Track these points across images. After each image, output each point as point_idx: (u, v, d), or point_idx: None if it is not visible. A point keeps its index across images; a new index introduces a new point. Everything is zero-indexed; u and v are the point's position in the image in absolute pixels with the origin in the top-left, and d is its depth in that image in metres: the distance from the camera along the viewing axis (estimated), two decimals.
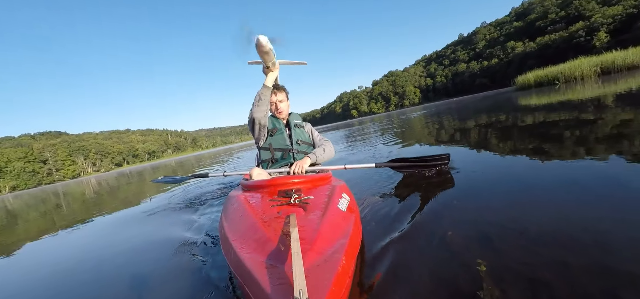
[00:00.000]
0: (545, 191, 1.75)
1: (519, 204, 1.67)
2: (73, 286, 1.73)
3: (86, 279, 1.80)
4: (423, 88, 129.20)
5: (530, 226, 1.38)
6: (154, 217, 2.82)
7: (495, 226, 1.46)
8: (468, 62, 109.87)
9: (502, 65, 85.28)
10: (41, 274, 2.16)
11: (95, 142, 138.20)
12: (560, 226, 1.34)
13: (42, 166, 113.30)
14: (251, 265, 0.92)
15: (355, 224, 1.25)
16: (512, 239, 1.32)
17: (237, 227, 1.26)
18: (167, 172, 13.74)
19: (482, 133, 4.69)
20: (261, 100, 2.15)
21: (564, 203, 1.56)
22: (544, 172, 2.10)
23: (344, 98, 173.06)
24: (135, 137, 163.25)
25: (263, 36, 1.85)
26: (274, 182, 1.61)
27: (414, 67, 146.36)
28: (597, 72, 16.83)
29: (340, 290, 0.80)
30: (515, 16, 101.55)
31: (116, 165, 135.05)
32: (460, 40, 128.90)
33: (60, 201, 9.91)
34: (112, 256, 2.04)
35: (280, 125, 2.31)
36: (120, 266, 1.73)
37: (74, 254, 2.45)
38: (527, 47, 78.40)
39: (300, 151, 2.29)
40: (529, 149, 2.86)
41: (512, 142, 3.45)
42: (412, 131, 7.87)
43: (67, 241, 3.00)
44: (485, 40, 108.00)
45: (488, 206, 1.75)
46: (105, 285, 1.55)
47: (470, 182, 2.24)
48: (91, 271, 1.90)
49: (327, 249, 0.97)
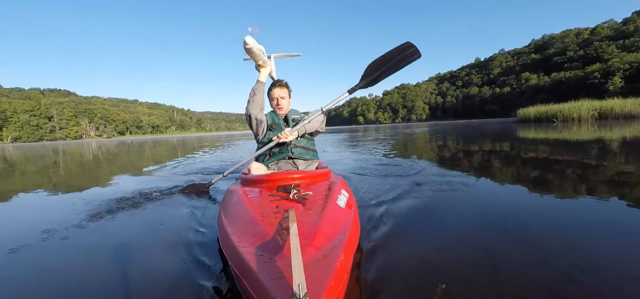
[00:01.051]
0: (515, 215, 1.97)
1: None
2: (63, 274, 1.48)
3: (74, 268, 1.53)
4: (432, 105, 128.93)
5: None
6: (148, 204, 2.71)
7: (491, 226, 1.67)
8: (481, 86, 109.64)
9: (514, 94, 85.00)
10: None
11: (102, 107, 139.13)
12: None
13: (46, 122, 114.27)
14: (250, 260, 0.92)
15: (353, 220, 1.25)
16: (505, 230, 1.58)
17: (236, 221, 1.25)
18: (163, 152, 13.68)
19: (485, 158, 4.66)
20: (255, 95, 2.15)
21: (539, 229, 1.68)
22: (527, 202, 2.26)
23: (353, 103, 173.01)
24: (142, 109, 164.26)
25: (249, 37, 1.85)
26: (273, 177, 1.61)
27: (426, 83, 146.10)
28: (594, 115, 17.30)
29: (338, 285, 0.80)
30: (534, 48, 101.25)
31: (119, 133, 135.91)
32: (476, 64, 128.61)
33: (59, 159, 9.97)
34: (102, 243, 1.86)
35: (279, 120, 2.30)
36: (111, 256, 1.63)
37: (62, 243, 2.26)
38: (541, 80, 78.14)
39: (298, 145, 2.28)
40: (525, 181, 2.92)
41: (512, 172, 3.44)
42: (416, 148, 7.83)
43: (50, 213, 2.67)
44: (501, 68, 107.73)
45: (484, 211, 1.93)
46: (94, 277, 1.41)
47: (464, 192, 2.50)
48: (78, 257, 1.66)
49: (326, 245, 0.97)
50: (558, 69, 75.43)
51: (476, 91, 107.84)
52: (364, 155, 6.10)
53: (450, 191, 2.58)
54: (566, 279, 1.12)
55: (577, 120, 17.30)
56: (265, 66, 2.19)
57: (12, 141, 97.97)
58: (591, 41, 73.90)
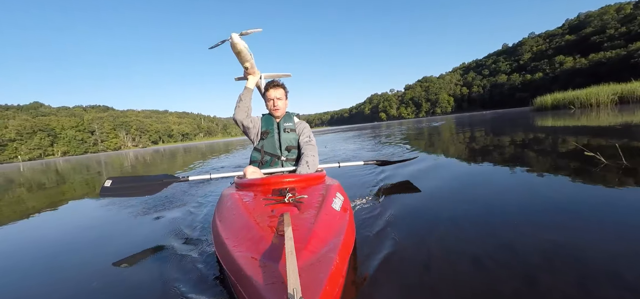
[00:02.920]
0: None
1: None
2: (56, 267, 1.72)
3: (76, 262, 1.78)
4: (457, 97, 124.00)
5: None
6: (145, 210, 2.75)
7: (485, 226, 1.70)
8: (509, 73, 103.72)
9: (546, 80, 79.57)
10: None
11: (136, 119, 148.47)
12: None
13: (90, 136, 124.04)
14: (244, 264, 0.91)
15: (348, 223, 1.26)
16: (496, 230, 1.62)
17: (231, 225, 1.25)
18: (192, 158, 14.50)
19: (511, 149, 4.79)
20: (242, 101, 2.16)
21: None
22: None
23: (374, 100, 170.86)
24: (172, 118, 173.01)
25: (235, 34, 1.80)
26: (268, 181, 1.59)
27: (450, 74, 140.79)
28: (614, 100, 16.80)
29: (333, 289, 0.79)
30: (569, 29, 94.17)
31: (152, 143, 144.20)
32: (503, 50, 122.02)
33: (102, 169, 11.18)
34: (98, 250, 1.96)
35: (273, 127, 2.26)
36: (105, 262, 1.69)
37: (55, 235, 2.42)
38: (577, 62, 72.58)
39: (289, 159, 2.24)
40: (527, 177, 2.79)
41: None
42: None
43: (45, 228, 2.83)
44: (531, 52, 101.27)
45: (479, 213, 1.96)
46: (88, 281, 1.48)
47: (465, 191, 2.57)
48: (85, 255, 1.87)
49: (321, 249, 0.97)
50: (596, 49, 69.62)
51: (505, 79, 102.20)
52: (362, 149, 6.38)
53: (447, 189, 2.62)
54: (572, 283, 1.09)
55: (596, 105, 16.76)
56: (253, 73, 2.17)
57: (62, 155, 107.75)
58: (635, 16, 67.48)
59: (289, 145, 2.24)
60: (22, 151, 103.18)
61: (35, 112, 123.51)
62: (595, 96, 17.29)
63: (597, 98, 17.16)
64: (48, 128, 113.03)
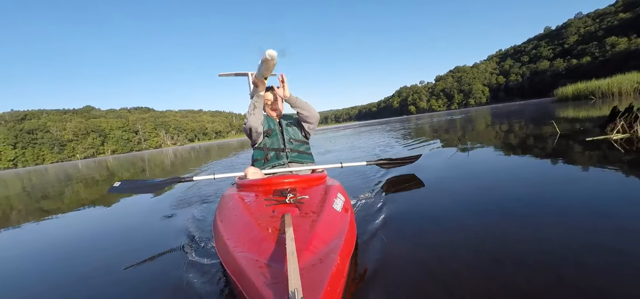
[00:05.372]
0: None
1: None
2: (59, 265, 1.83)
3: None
4: (493, 87, 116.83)
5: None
6: (153, 210, 2.81)
7: (483, 226, 1.67)
8: (552, 59, 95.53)
9: (594, 65, 72.32)
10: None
11: (174, 119, 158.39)
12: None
13: (134, 136, 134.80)
14: (246, 264, 0.91)
15: (349, 224, 1.27)
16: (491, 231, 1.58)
17: (232, 226, 1.25)
18: (225, 152, 15.45)
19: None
20: (256, 108, 2.14)
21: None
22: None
23: (403, 92, 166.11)
24: (206, 117, 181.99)
25: (272, 50, 1.73)
26: (269, 181, 1.59)
27: (485, 63, 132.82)
28: (637, 89, 16.01)
29: (335, 290, 0.79)
30: (623, 6, 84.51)
31: (189, 140, 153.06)
32: (545, 34, 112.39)
33: (145, 166, 12.57)
34: (97, 250, 2.04)
35: (274, 126, 2.29)
36: (106, 263, 1.75)
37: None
38: (632, 43, 65.19)
39: (294, 150, 2.29)
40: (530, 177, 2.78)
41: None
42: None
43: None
44: (578, 34, 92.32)
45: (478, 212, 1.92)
46: (95, 277, 1.55)
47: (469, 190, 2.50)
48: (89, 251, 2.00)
49: (322, 249, 0.97)
50: None
51: (546, 65, 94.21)
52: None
53: (449, 189, 2.59)
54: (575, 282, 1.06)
55: (617, 94, 16.22)
56: (264, 83, 2.14)
57: (111, 153, 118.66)
58: None
59: (292, 137, 2.32)
60: (79, 150, 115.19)
61: (88, 114, 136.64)
62: (618, 85, 16.88)
63: (619, 87, 16.76)
64: (99, 129, 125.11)
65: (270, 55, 1.61)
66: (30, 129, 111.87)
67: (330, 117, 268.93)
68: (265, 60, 1.65)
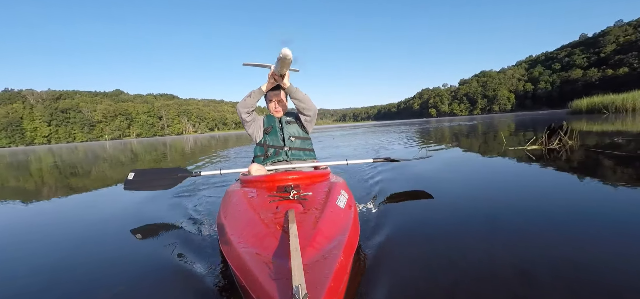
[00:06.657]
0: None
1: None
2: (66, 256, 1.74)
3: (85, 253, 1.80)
4: (520, 94, 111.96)
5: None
6: (153, 205, 2.82)
7: (482, 226, 1.72)
8: (586, 68, 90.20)
9: (632, 75, 67.60)
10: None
11: (196, 107, 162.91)
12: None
13: (158, 121, 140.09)
14: (250, 260, 0.92)
15: (353, 221, 1.27)
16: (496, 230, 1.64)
17: (236, 222, 1.26)
18: (243, 142, 15.64)
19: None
20: (250, 97, 2.17)
21: None
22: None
23: (425, 95, 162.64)
24: (226, 107, 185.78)
25: (287, 49, 1.73)
26: (273, 178, 1.60)
27: (513, 68, 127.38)
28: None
29: (338, 286, 0.80)
30: None
31: (209, 129, 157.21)
32: (581, 42, 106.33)
33: (167, 151, 13.07)
34: (101, 244, 1.98)
35: (275, 123, 2.33)
36: (114, 256, 1.73)
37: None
38: None
39: (293, 147, 2.31)
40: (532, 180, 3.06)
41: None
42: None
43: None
44: (617, 43, 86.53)
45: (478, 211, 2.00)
46: (95, 272, 1.51)
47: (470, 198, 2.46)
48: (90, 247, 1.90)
49: (326, 246, 0.98)
50: None
51: (579, 74, 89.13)
52: None
53: (451, 189, 2.65)
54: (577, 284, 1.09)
55: (631, 110, 16.12)
56: (275, 81, 2.15)
57: (136, 136, 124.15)
58: None
59: (292, 134, 2.33)
60: (106, 131, 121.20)
61: (117, 98, 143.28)
62: (632, 101, 17.01)
63: (634, 103, 16.91)
64: (126, 112, 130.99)
65: (284, 54, 1.66)
66: (64, 108, 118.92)
67: (349, 114, 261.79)
68: (280, 58, 1.70)
